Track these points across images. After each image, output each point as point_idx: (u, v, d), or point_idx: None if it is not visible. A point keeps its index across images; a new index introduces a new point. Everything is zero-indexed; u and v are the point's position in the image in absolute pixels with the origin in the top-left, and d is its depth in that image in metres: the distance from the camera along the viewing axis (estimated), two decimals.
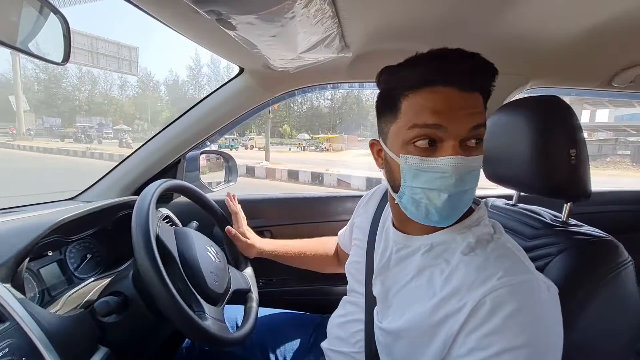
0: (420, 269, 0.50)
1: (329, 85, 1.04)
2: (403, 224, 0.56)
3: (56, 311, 0.60)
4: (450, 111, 0.42)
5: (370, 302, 0.59)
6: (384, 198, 0.69)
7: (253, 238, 0.87)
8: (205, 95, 1.00)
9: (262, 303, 0.80)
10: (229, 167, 1.28)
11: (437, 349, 0.44)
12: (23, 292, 0.55)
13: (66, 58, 0.44)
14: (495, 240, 0.48)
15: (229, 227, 0.85)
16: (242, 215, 0.90)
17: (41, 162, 12.16)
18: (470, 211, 0.52)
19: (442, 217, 0.46)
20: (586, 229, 0.60)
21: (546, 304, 0.42)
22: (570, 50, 0.82)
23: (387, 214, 0.62)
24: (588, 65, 0.92)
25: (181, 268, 0.61)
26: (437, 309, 0.45)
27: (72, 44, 0.44)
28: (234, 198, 0.92)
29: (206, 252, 0.69)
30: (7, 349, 0.44)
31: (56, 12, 0.45)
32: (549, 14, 0.67)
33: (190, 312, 0.54)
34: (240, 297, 0.75)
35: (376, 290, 0.57)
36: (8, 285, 0.51)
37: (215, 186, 1.23)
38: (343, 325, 0.67)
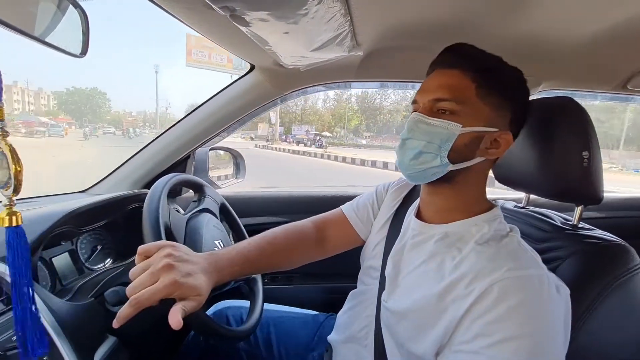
0: (431, 254, 0.52)
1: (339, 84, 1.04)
2: (424, 211, 0.58)
3: (67, 300, 0.62)
4: (421, 89, 0.53)
5: (382, 284, 0.60)
6: (414, 190, 0.69)
7: (200, 289, 0.47)
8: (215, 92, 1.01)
9: (266, 300, 0.81)
10: (237, 164, 1.29)
11: (439, 332, 0.45)
12: (36, 279, 0.56)
13: (84, 51, 0.45)
14: (510, 237, 0.50)
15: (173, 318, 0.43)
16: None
17: (302, 161, 15.87)
18: (489, 207, 0.54)
19: (399, 162, 0.54)
20: (597, 232, 0.59)
21: (553, 301, 0.42)
22: (583, 52, 0.81)
23: (414, 205, 0.63)
24: (602, 68, 0.90)
25: None
26: (444, 293, 0.46)
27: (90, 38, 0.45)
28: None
29: (213, 247, 0.69)
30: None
31: (76, 6, 0.46)
32: (561, 16, 0.66)
33: None
34: (244, 285, 0.74)
35: (387, 271, 0.58)
36: None
37: (224, 182, 1.24)
38: (352, 315, 0.68)
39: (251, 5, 0.49)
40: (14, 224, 0.36)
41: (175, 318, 0.42)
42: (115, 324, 0.43)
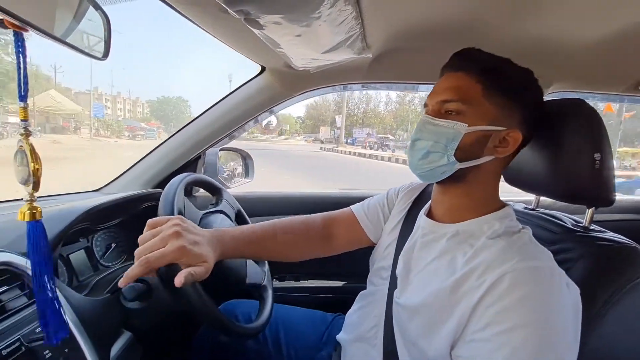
0: (443, 252, 0.53)
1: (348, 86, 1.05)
2: (435, 210, 0.60)
3: (85, 295, 0.63)
4: (431, 92, 0.55)
5: (392, 283, 0.61)
6: (425, 191, 0.71)
7: (206, 256, 0.51)
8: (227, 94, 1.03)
9: (275, 299, 0.81)
10: (247, 164, 1.31)
11: (452, 327, 0.46)
12: (56, 274, 0.58)
13: (106, 54, 0.47)
14: (522, 233, 0.50)
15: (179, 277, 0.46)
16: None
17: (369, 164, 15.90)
18: (500, 207, 0.55)
19: (409, 163, 0.56)
20: (609, 234, 0.59)
21: (563, 294, 0.43)
22: (595, 54, 0.80)
23: (426, 206, 0.64)
24: (614, 70, 0.90)
25: None
26: (456, 286, 0.47)
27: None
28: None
29: None
30: None
31: (97, 7, 0.47)
32: (572, 17, 0.66)
33: (210, 301, 0.56)
34: (254, 290, 0.76)
35: (398, 270, 0.59)
36: None
37: (233, 183, 1.25)
38: (361, 315, 0.68)
39: (266, 9, 0.51)
40: (35, 218, 0.38)
41: (179, 278, 0.44)
42: (122, 282, 0.45)
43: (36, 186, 0.38)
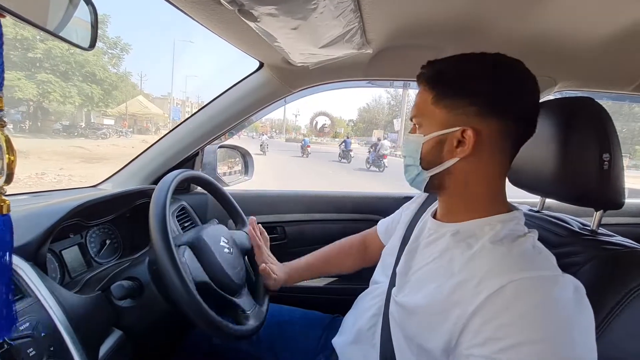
0: (443, 251, 0.52)
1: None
2: (439, 212, 0.60)
3: (75, 292, 0.62)
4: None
5: (392, 281, 0.61)
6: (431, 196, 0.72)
7: (278, 273, 0.80)
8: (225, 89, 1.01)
9: (271, 299, 0.80)
10: (245, 162, 1.30)
11: (446, 330, 0.44)
12: (45, 271, 0.57)
13: (92, 45, 0.46)
14: (527, 237, 0.48)
15: (263, 265, 0.78)
16: (266, 249, 0.83)
17: None
18: (507, 210, 0.53)
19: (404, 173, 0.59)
20: (618, 239, 0.57)
21: (571, 302, 0.40)
22: (601, 52, 0.78)
23: (430, 209, 0.65)
24: (622, 68, 0.87)
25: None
26: (453, 290, 0.45)
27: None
28: (255, 228, 0.84)
29: (220, 246, 0.69)
30: (27, 324, 0.46)
31: (88, 2, 0.46)
32: (579, 14, 0.64)
33: (200, 301, 0.54)
34: (238, 312, 0.69)
35: (399, 267, 0.59)
36: (31, 264, 0.53)
37: (231, 180, 1.24)
38: (359, 315, 0.68)
39: (259, 0, 0.49)
40: (2, 212, 0.36)
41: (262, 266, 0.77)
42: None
43: (9, 179, 0.35)
